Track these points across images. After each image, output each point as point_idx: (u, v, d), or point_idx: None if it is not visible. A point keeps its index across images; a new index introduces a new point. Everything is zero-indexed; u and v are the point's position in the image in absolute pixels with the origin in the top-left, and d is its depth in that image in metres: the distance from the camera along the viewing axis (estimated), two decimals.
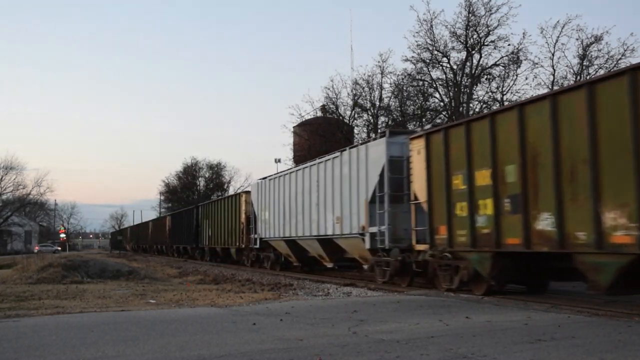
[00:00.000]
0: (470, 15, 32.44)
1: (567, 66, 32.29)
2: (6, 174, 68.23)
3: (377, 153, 15.67)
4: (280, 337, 7.16)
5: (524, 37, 34.94)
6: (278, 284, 17.22)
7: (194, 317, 9.19)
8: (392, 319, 8.61)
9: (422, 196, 13.61)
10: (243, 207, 27.93)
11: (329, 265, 20.26)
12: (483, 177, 11.62)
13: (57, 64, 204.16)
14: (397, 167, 15.15)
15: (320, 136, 38.10)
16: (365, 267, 17.11)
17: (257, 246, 25.56)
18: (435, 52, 33.71)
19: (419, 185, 13.81)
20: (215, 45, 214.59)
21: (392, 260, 14.83)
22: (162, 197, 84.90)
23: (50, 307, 11.31)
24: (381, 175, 15.23)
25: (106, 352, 6.36)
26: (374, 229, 15.51)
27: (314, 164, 19.87)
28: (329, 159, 18.82)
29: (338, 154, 18.14)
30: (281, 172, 23.60)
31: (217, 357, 6.00)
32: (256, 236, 25.51)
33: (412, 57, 34.21)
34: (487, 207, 11.47)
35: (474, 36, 32.88)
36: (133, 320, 8.90)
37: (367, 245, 15.90)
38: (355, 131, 39.91)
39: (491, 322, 8.20)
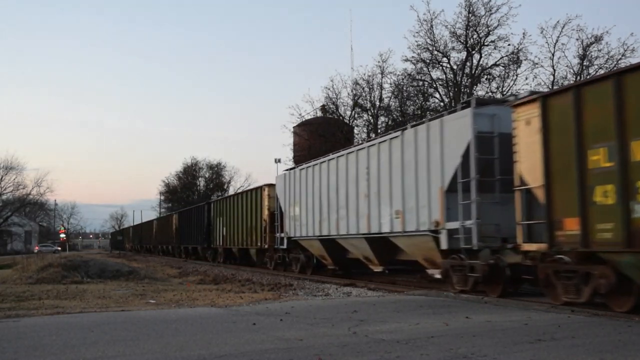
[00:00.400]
0: (470, 15, 32.43)
1: (567, 66, 32.27)
2: (6, 174, 68.31)
3: (458, 128, 12.57)
4: (280, 337, 7.16)
5: (524, 37, 34.91)
6: (278, 284, 17.22)
7: (194, 317, 9.19)
8: (392, 319, 8.61)
9: (536, 180, 10.41)
10: (266, 202, 24.71)
11: (378, 269, 16.97)
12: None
13: (57, 63, 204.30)
14: (487, 146, 12.13)
15: (320, 136, 38.08)
16: (432, 272, 14.06)
17: (284, 246, 22.61)
18: (435, 52, 33.70)
19: (529, 166, 10.63)
20: (215, 45, 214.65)
21: (480, 264, 11.85)
22: (162, 197, 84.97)
23: (50, 307, 11.31)
24: (465, 156, 12.21)
25: (106, 352, 6.36)
26: (453, 225, 12.48)
27: (362, 148, 16.73)
28: (384, 140, 15.68)
29: (398, 133, 15.16)
30: (315, 160, 20.39)
31: (217, 357, 6.00)
32: (283, 235, 22.52)
33: (412, 57, 34.20)
34: None
35: (474, 36, 32.87)
36: (133, 320, 8.90)
37: (444, 245, 12.80)
38: (355, 131, 39.93)
39: (491, 322, 8.20)
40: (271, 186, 24.69)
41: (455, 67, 33.88)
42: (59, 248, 68.95)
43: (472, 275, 12.23)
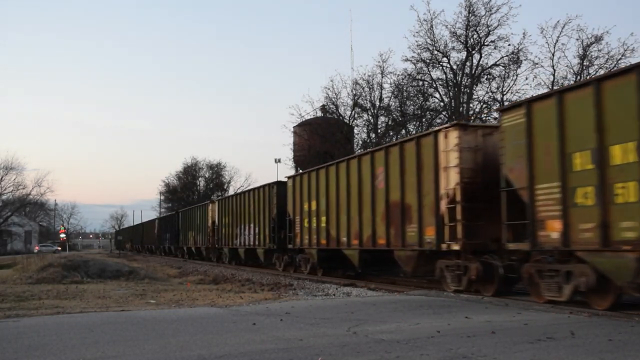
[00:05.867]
0: (470, 15, 32.44)
1: (567, 66, 32.28)
2: (6, 174, 68.36)
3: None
4: (280, 337, 7.16)
5: (524, 37, 35.05)
6: (278, 284, 17.23)
7: (194, 317, 9.19)
8: (392, 319, 8.60)
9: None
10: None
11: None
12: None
13: (58, 63, 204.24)
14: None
15: (320, 136, 38.09)
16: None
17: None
18: (436, 52, 33.71)
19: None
20: (215, 45, 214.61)
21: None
22: (162, 197, 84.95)
23: (50, 307, 11.32)
24: None
25: (106, 352, 6.36)
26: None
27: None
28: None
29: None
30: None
31: (217, 357, 6.00)
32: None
33: (412, 57, 34.22)
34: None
35: (474, 36, 32.88)
36: (133, 320, 8.90)
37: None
38: (355, 131, 39.95)
39: (491, 322, 8.20)
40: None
41: (455, 67, 33.90)
42: (59, 248, 68.99)
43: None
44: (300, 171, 23.48)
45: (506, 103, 30.52)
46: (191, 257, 40.91)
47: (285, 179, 23.16)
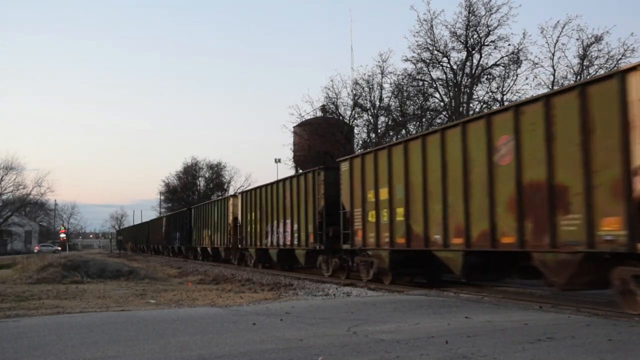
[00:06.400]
0: (470, 15, 32.42)
1: (567, 66, 32.27)
2: (6, 174, 68.39)
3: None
4: (280, 337, 7.16)
5: (524, 37, 35.03)
6: (278, 284, 17.22)
7: (194, 317, 9.19)
8: (392, 319, 8.60)
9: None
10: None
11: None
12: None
13: (58, 63, 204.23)
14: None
15: (320, 136, 38.07)
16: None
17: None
18: (436, 52, 33.68)
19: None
20: (215, 45, 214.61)
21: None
22: (162, 197, 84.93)
23: (50, 307, 11.31)
24: None
25: (106, 352, 6.36)
26: None
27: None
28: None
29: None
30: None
31: (217, 357, 5.99)
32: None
33: (412, 57, 34.18)
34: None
35: (474, 36, 32.86)
36: (133, 320, 8.90)
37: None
38: (355, 131, 39.92)
39: (491, 322, 8.20)
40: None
41: (455, 67, 33.87)
42: (59, 248, 68.96)
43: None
44: (361, 151, 19.89)
45: (506, 103, 30.54)
46: (205, 258, 37.10)
47: (339, 163, 18.62)
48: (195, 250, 39.64)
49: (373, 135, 37.80)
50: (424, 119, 35.33)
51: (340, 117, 39.67)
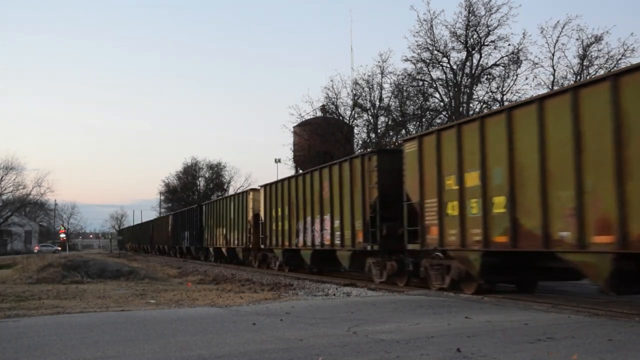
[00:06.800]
0: (470, 15, 32.45)
1: (567, 66, 32.29)
2: (6, 174, 68.38)
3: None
4: (280, 337, 7.16)
5: (524, 37, 34.99)
6: (278, 284, 17.22)
7: (194, 317, 9.19)
8: (392, 319, 8.60)
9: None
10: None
11: None
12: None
13: (58, 63, 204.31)
14: None
15: (320, 136, 38.10)
16: None
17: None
18: (435, 52, 33.72)
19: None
20: (215, 45, 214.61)
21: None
22: (162, 197, 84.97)
23: (50, 307, 11.31)
24: None
25: (106, 352, 6.36)
26: None
27: None
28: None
29: None
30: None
31: (217, 357, 6.00)
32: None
33: (412, 57, 34.23)
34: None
35: (474, 36, 32.89)
36: (133, 320, 8.90)
37: None
38: (355, 131, 39.95)
39: (491, 322, 8.20)
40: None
41: (455, 67, 33.90)
42: (59, 248, 68.97)
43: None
44: (435, 127, 16.54)
45: (506, 103, 30.55)
46: (218, 260, 33.87)
47: (402, 143, 16.08)
48: (206, 251, 36.49)
49: (373, 135, 37.84)
50: (424, 119, 35.36)
51: (340, 117, 39.70)
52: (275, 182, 23.91)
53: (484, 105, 33.07)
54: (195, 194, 75.42)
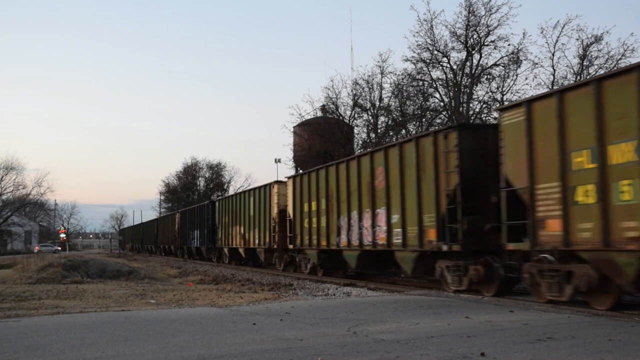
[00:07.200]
0: (470, 15, 32.45)
1: (567, 66, 32.32)
2: (6, 174, 68.36)
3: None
4: (280, 337, 7.16)
5: (524, 37, 35.13)
6: (278, 284, 17.22)
7: (194, 317, 9.19)
8: (392, 319, 8.60)
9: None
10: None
11: None
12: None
13: (58, 63, 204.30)
14: None
15: (320, 136, 38.10)
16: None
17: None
18: (436, 52, 33.71)
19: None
20: (215, 45, 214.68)
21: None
22: (162, 197, 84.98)
23: (50, 307, 11.31)
24: None
25: (106, 352, 6.36)
26: None
27: None
28: None
29: None
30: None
31: (217, 357, 5.99)
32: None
33: (412, 57, 34.23)
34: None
35: (474, 36, 32.89)
36: (133, 320, 8.90)
37: None
38: (355, 131, 39.95)
39: (491, 322, 8.20)
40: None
41: (455, 67, 33.90)
42: (59, 248, 68.89)
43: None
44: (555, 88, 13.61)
45: (506, 103, 30.54)
46: (233, 262, 31.27)
47: (499, 112, 12.27)
48: (219, 252, 33.46)
49: (373, 135, 37.83)
50: (424, 119, 35.36)
51: (340, 117, 39.70)
52: (308, 172, 20.68)
53: (484, 106, 33.09)
54: (195, 194, 75.47)
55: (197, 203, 46.79)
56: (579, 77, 29.81)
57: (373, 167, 15.99)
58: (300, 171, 29.11)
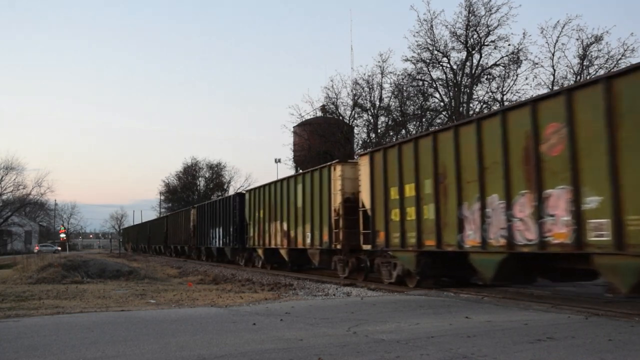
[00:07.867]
0: (470, 15, 32.50)
1: (567, 66, 32.44)
2: (6, 174, 68.39)
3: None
4: (280, 337, 7.16)
5: (524, 37, 35.21)
6: (278, 284, 17.21)
7: (194, 317, 9.19)
8: (392, 319, 8.60)
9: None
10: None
11: None
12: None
13: (58, 63, 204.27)
14: None
15: (320, 136, 38.13)
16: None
17: None
18: (436, 52, 33.76)
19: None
20: (215, 45, 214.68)
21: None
22: (162, 197, 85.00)
23: (50, 307, 11.31)
24: None
25: (106, 352, 6.36)
26: None
27: None
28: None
29: None
30: None
31: (217, 357, 5.99)
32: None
33: (412, 57, 34.31)
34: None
35: (474, 36, 32.94)
36: (133, 320, 8.90)
37: None
38: (355, 131, 39.97)
39: (491, 322, 8.20)
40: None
41: (455, 67, 33.93)
42: (59, 248, 68.90)
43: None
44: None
45: (506, 103, 30.55)
46: (268, 265, 25.57)
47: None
48: (250, 253, 28.05)
49: (373, 135, 37.85)
50: (424, 119, 35.37)
51: (340, 117, 39.73)
52: (398, 143, 15.24)
53: (484, 106, 33.10)
54: (195, 194, 75.50)
55: (197, 203, 46.45)
56: (579, 77, 29.84)
57: (537, 124, 10.51)
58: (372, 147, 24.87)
